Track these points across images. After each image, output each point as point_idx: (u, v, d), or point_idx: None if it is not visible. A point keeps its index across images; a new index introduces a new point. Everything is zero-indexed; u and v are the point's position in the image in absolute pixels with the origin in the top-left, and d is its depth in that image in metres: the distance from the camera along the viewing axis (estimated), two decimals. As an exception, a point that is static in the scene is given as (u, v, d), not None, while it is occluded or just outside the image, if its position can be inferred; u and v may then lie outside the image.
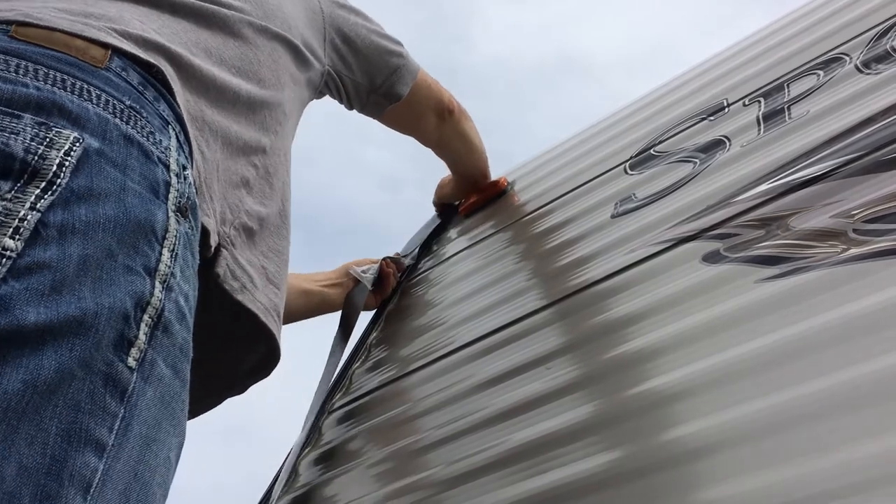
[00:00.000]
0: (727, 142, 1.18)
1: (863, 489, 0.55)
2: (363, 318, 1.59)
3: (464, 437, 0.98)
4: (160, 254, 0.67)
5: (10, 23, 0.71)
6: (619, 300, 1.00)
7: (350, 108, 1.38)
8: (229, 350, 0.93)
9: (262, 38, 1.02)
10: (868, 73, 1.07)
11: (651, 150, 1.37)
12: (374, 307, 1.62)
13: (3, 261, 0.56)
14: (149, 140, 0.71)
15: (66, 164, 0.62)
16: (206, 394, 0.96)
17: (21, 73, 0.66)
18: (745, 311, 0.80)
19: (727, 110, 1.29)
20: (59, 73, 0.68)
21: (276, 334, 0.92)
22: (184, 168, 0.75)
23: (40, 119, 0.63)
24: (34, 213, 0.59)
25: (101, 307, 0.59)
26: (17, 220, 0.57)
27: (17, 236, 0.57)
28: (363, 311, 1.58)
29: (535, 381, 0.97)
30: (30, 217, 0.58)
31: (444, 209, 1.85)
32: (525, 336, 1.09)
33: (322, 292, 1.54)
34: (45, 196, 0.60)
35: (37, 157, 0.61)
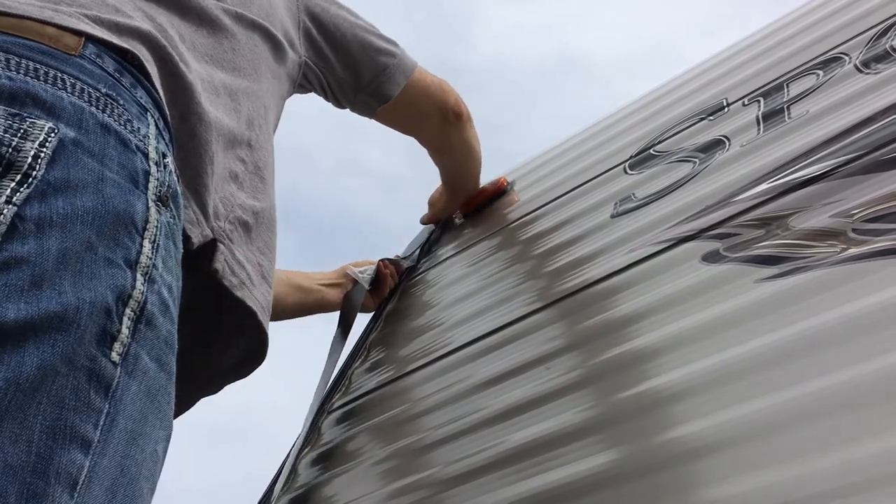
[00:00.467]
0: (727, 141, 1.18)
1: (863, 489, 0.55)
2: (362, 319, 1.58)
3: (463, 436, 0.98)
4: (141, 245, 0.65)
5: None
6: (619, 300, 1.00)
7: (339, 106, 1.34)
8: (211, 346, 0.91)
9: (239, 27, 0.99)
10: (867, 73, 1.07)
11: (651, 150, 1.37)
12: (371, 309, 1.62)
13: None
14: (126, 128, 0.69)
15: (42, 155, 0.60)
16: (179, 394, 0.95)
17: None
18: (744, 310, 0.80)
19: (727, 110, 1.29)
20: (31, 62, 0.66)
21: (268, 334, 0.91)
22: (164, 156, 0.73)
23: (13, 110, 0.62)
24: (10, 206, 0.57)
25: (83, 302, 0.58)
26: None
27: None
28: (360, 312, 1.57)
29: (534, 381, 0.97)
30: (6, 211, 0.57)
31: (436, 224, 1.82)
32: (524, 336, 1.09)
33: (320, 290, 1.53)
34: (21, 189, 0.58)
35: (11, 150, 0.59)
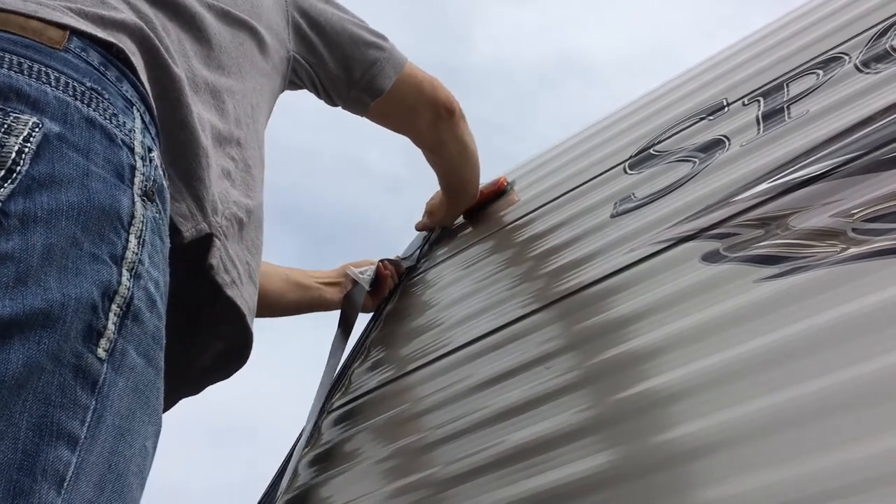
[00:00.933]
0: (726, 141, 1.18)
1: (863, 489, 0.55)
2: (361, 319, 1.58)
3: (463, 436, 0.98)
4: (127, 241, 0.65)
5: None
6: (619, 300, 1.00)
7: (332, 103, 1.33)
8: (192, 344, 0.90)
9: (223, 24, 0.99)
10: (867, 73, 1.07)
11: (650, 150, 1.37)
12: (370, 309, 1.61)
13: None
14: (112, 122, 0.69)
15: (26, 150, 0.60)
16: None
17: None
18: (744, 310, 0.80)
19: (726, 110, 1.29)
20: (14, 57, 0.65)
21: (253, 334, 0.91)
22: (149, 150, 0.73)
23: None
24: None
25: (68, 298, 0.58)
26: None
27: None
28: (360, 313, 1.57)
29: (534, 381, 0.97)
30: None
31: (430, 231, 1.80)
32: (524, 336, 1.09)
33: (319, 288, 1.52)
34: (5, 185, 0.58)
35: None
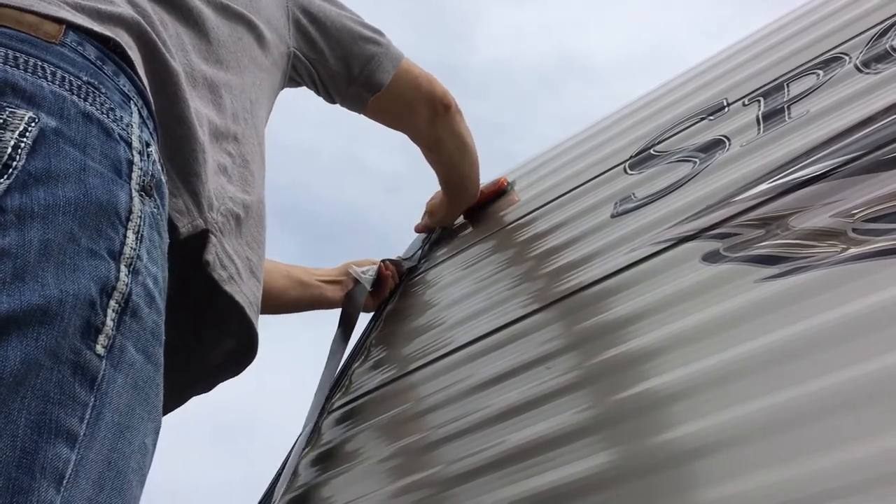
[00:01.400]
0: (727, 141, 1.18)
1: (863, 489, 0.55)
2: (362, 319, 1.58)
3: (464, 436, 0.98)
4: (125, 236, 0.64)
5: None
6: (619, 300, 1.00)
7: (331, 100, 1.33)
8: (199, 342, 0.90)
9: (222, 18, 0.98)
10: (868, 73, 1.07)
11: (651, 150, 1.37)
12: (371, 309, 1.61)
13: None
14: (109, 117, 0.68)
15: (22, 145, 0.60)
16: (169, 391, 0.94)
17: None
18: (744, 310, 0.80)
19: (727, 110, 1.29)
20: (10, 51, 0.65)
21: (258, 330, 0.90)
22: (147, 145, 0.72)
23: None
24: None
25: (66, 294, 0.57)
26: None
27: None
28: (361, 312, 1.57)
29: (535, 381, 0.97)
30: None
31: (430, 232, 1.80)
32: (525, 336, 1.09)
33: (320, 287, 1.52)
34: (1, 180, 0.58)
35: None
